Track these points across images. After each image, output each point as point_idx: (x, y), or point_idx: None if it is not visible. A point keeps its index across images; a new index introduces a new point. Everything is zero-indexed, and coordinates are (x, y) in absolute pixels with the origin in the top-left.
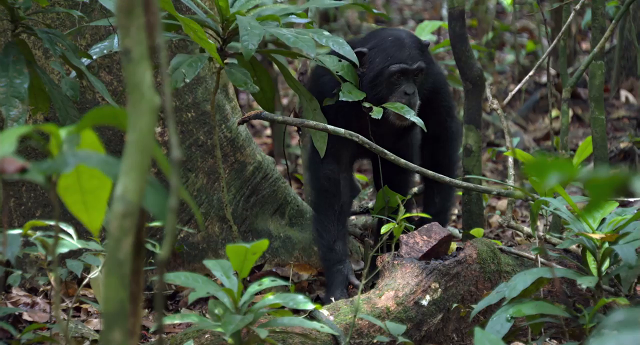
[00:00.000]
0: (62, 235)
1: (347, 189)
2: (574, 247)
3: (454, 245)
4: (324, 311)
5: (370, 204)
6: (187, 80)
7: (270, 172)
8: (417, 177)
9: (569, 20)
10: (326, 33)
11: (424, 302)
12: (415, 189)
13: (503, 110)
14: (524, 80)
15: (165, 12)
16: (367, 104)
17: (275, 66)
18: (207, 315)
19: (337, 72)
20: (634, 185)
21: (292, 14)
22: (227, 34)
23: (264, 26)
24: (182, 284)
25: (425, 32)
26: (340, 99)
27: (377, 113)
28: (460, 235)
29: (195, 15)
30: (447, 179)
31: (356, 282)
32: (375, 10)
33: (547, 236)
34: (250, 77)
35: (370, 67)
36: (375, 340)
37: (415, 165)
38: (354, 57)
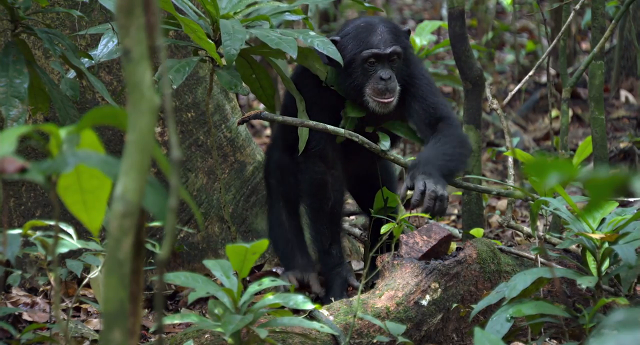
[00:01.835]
0: (62, 235)
1: (339, 184)
2: (573, 247)
3: (453, 245)
4: (324, 311)
5: None
6: (175, 86)
7: None
8: None
9: (568, 20)
10: (312, 33)
11: (424, 302)
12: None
13: (503, 110)
14: (523, 80)
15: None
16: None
17: None
18: (207, 315)
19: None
20: (633, 185)
21: (286, 11)
22: (218, 35)
23: (252, 27)
24: (182, 284)
25: (425, 32)
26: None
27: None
28: (460, 235)
29: (187, 16)
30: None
31: (355, 283)
32: (366, 4)
33: (547, 236)
34: (240, 79)
35: (343, 55)
36: (375, 340)
37: None
38: (338, 57)
